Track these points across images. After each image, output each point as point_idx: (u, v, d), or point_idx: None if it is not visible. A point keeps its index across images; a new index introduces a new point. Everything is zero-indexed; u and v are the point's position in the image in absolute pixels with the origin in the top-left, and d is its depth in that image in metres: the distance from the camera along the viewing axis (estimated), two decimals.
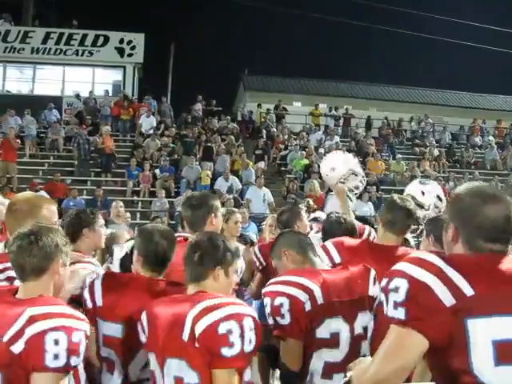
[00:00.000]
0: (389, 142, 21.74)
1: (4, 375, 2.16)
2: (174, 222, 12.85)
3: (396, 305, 1.80)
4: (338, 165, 5.08)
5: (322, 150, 18.55)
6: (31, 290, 2.36)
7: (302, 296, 2.77)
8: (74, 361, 2.20)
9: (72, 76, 24.26)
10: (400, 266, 1.86)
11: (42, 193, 12.26)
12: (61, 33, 23.96)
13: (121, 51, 24.04)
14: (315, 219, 5.32)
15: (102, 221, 3.75)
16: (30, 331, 2.15)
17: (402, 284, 1.80)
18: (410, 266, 1.83)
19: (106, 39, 24.00)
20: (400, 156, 20.16)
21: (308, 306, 2.77)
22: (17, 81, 24.84)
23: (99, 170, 17.93)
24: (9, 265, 2.82)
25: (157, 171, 16.97)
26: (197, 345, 2.31)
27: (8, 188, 14.43)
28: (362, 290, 2.94)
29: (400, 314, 1.79)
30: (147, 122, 19.57)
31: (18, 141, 17.44)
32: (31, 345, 2.14)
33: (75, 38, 23.96)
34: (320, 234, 4.24)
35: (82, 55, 23.83)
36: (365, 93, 29.87)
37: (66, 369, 2.20)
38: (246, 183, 16.53)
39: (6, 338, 2.16)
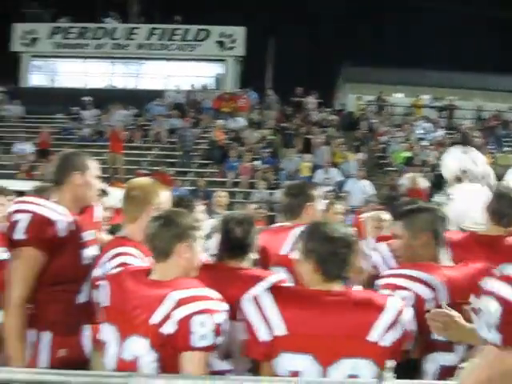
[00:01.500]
0: (495, 133, 20.74)
1: (159, 355, 2.33)
2: (273, 214, 12.89)
3: (489, 327, 1.63)
4: (451, 163, 4.81)
5: (425, 143, 18.03)
6: (164, 271, 2.50)
7: (426, 293, 2.63)
8: (218, 340, 2.36)
9: (174, 70, 24.90)
10: (492, 284, 1.68)
11: None
12: (164, 29, 24.69)
13: (221, 45, 24.41)
14: None
15: (200, 207, 3.79)
16: (178, 314, 2.31)
17: (494, 306, 1.62)
18: (503, 285, 1.64)
19: (208, 33, 24.46)
20: (508, 149, 19.18)
21: (430, 305, 2.60)
22: (123, 76, 25.79)
23: (201, 161, 18.34)
24: (122, 250, 2.89)
25: (257, 163, 17.12)
26: None
27: (115, 178, 15.02)
28: None
29: (495, 338, 1.62)
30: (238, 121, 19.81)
31: (125, 133, 18.14)
32: (180, 327, 2.30)
33: (178, 33, 24.61)
34: None
35: (185, 50, 24.42)
36: (470, 82, 28.65)
37: (212, 348, 2.36)
38: (346, 175, 16.33)
39: (153, 321, 2.33)
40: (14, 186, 5.15)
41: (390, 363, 2.28)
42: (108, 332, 2.51)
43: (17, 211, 2.97)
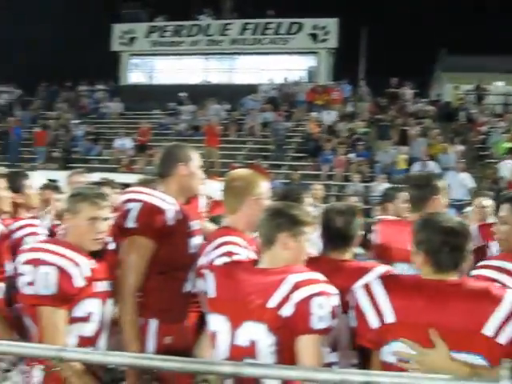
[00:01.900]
0: None
1: (277, 338, 2.35)
2: (368, 207, 12.72)
3: None
4: None
5: None
6: (271, 260, 2.53)
7: None
8: (333, 323, 2.38)
9: (268, 64, 25.03)
10: None
11: None
12: (257, 23, 24.86)
13: (314, 37, 24.29)
14: None
15: (309, 200, 3.76)
16: (297, 296, 2.33)
17: None
18: None
19: (300, 26, 24.41)
20: None
21: None
22: (217, 71, 26.20)
23: (294, 154, 18.37)
24: (227, 239, 2.92)
25: (351, 155, 16.94)
26: None
27: (211, 172, 15.30)
28: None
29: None
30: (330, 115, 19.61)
31: (220, 127, 18.46)
32: (299, 309, 2.32)
33: (270, 27, 24.70)
34: None
35: (278, 43, 24.48)
36: None
37: (328, 330, 2.38)
38: (445, 168, 15.82)
39: (272, 304, 2.35)
40: (115, 180, 5.35)
41: (508, 363, 2.17)
42: (217, 322, 2.52)
43: (128, 200, 3.06)
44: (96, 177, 6.18)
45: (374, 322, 2.36)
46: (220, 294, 2.54)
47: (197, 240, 3.23)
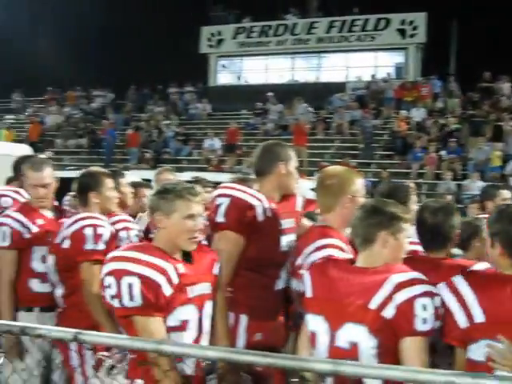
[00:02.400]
0: None
1: (378, 340, 2.29)
2: (462, 206, 12.35)
3: None
4: None
5: None
6: (369, 259, 2.47)
7: None
8: (436, 324, 2.30)
9: (355, 62, 24.76)
10: None
11: None
12: (343, 20, 24.62)
13: (402, 33, 23.79)
14: None
15: (414, 198, 3.69)
16: (400, 297, 2.27)
17: None
18: None
19: (388, 22, 23.96)
20: None
21: None
22: (304, 70, 26.17)
23: (383, 152, 18.11)
24: (328, 241, 2.88)
25: (443, 153, 16.50)
26: None
27: (300, 171, 15.32)
28: None
29: None
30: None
31: (308, 126, 18.46)
32: (402, 310, 2.25)
33: (357, 24, 24.39)
34: None
35: (364, 40, 24.16)
36: None
37: (432, 332, 2.29)
38: None
39: (374, 305, 2.30)
40: (207, 179, 5.41)
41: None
42: (316, 323, 2.49)
43: (218, 195, 3.11)
44: (186, 176, 6.23)
45: (462, 321, 2.29)
46: (317, 293, 2.51)
47: (289, 238, 3.22)
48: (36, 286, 3.66)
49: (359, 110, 19.73)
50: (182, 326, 2.57)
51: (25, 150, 10.21)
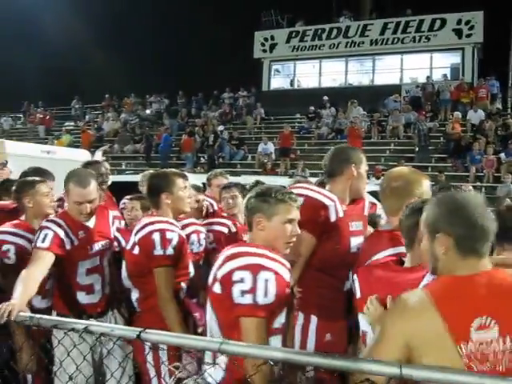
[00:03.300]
0: None
1: None
2: None
3: None
4: None
5: None
6: (413, 258, 2.47)
7: None
8: None
9: (409, 63, 24.43)
10: None
11: None
12: (397, 22, 24.32)
13: (458, 33, 23.32)
14: None
15: None
16: None
17: None
18: None
19: (443, 22, 23.54)
20: None
21: None
22: (357, 73, 26.00)
23: (439, 155, 17.82)
24: (399, 250, 2.77)
25: (502, 155, 16.12)
26: None
27: None
28: None
29: None
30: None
31: (362, 129, 18.36)
32: None
33: (412, 25, 24.05)
34: None
35: (419, 41, 23.80)
36: None
37: None
38: None
39: None
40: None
41: None
42: (365, 322, 2.46)
43: None
44: (242, 179, 6.28)
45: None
46: (363, 294, 2.49)
47: (358, 240, 3.23)
48: (82, 297, 3.67)
49: (414, 112, 19.46)
50: (281, 329, 2.54)
51: (84, 155, 10.55)
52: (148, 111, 25.66)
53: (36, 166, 4.81)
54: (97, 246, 3.73)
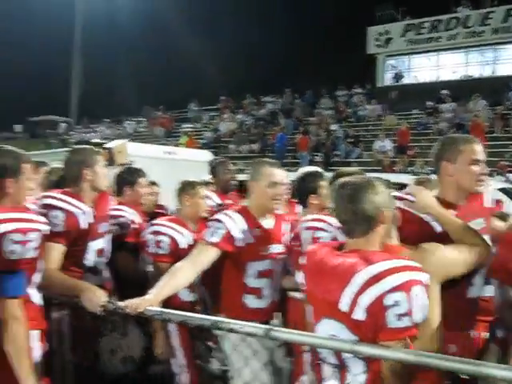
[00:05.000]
0: None
1: None
2: None
3: None
4: None
5: None
6: None
7: None
8: None
9: None
10: None
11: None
12: None
13: None
14: None
15: None
16: None
17: None
18: None
19: None
20: None
21: None
22: (478, 64, 24.91)
23: None
24: None
25: None
26: None
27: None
28: None
29: None
30: None
31: (485, 124, 17.59)
32: None
33: None
34: None
35: None
36: None
37: None
38: None
39: None
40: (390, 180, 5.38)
41: None
42: None
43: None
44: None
45: None
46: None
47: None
48: (251, 301, 3.54)
49: None
50: None
51: (206, 155, 10.85)
52: (263, 111, 25.96)
53: (129, 166, 4.93)
54: (271, 249, 3.58)
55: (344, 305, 2.20)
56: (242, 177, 6.68)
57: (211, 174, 5.50)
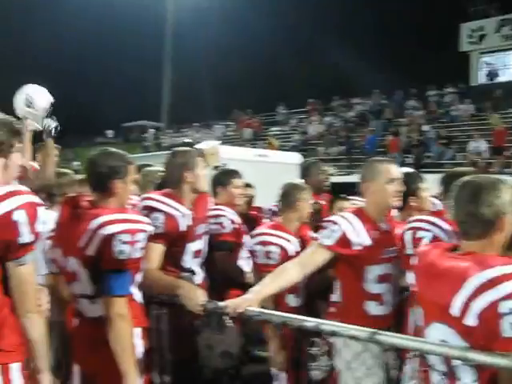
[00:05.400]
0: None
1: None
2: None
3: None
4: None
5: None
6: None
7: None
8: None
9: None
10: None
11: None
12: None
13: None
14: None
15: None
16: None
17: None
18: None
19: None
20: None
21: None
22: None
23: None
24: None
25: None
26: None
27: None
28: None
29: None
30: None
31: None
32: None
33: None
34: None
35: None
36: None
37: None
38: None
39: None
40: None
41: None
42: None
43: None
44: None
45: None
46: None
47: None
48: (373, 308, 3.41)
49: None
50: None
51: (296, 157, 10.84)
52: (351, 113, 25.69)
53: (225, 168, 4.88)
54: (389, 252, 3.45)
55: (455, 309, 2.09)
56: (334, 179, 6.64)
57: (303, 176, 5.45)
